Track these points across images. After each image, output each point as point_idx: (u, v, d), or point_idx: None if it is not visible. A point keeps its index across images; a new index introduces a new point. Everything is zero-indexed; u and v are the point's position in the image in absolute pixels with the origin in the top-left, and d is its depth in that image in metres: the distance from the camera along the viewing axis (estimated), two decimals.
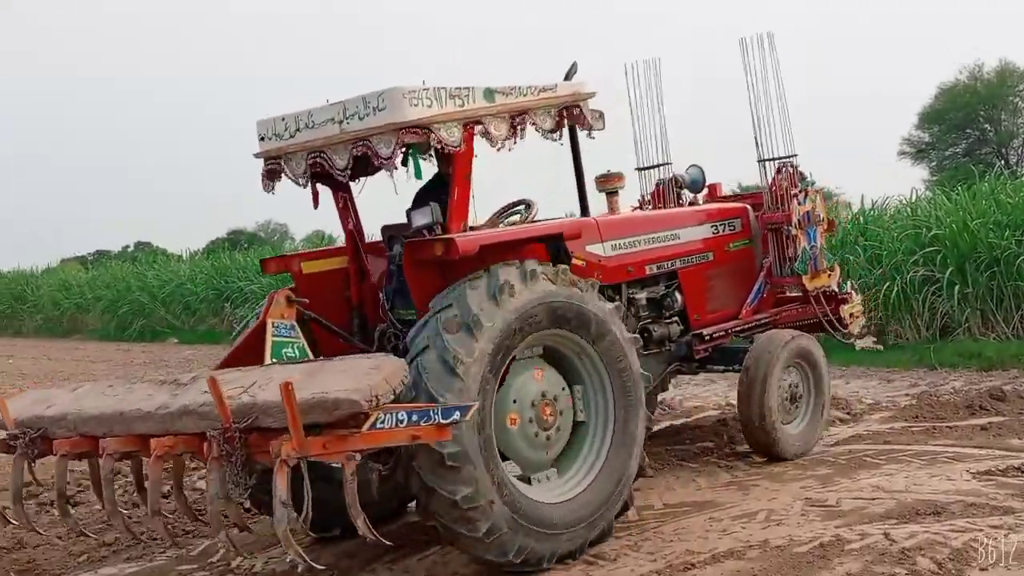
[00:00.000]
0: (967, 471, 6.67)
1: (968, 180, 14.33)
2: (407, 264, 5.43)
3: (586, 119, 6.00)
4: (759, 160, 7.90)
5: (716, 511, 6.27)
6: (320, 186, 6.01)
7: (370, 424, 4.20)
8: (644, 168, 8.38)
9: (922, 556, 5.10)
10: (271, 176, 5.80)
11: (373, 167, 5.60)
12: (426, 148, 5.32)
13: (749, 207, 7.95)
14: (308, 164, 5.55)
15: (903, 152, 40.10)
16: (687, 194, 8.17)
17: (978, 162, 28.69)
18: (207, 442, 4.32)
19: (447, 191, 5.56)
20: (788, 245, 7.69)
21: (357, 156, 5.27)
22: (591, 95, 6.02)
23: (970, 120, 38.65)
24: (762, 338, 7.23)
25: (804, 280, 7.65)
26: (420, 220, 5.53)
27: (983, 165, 22.30)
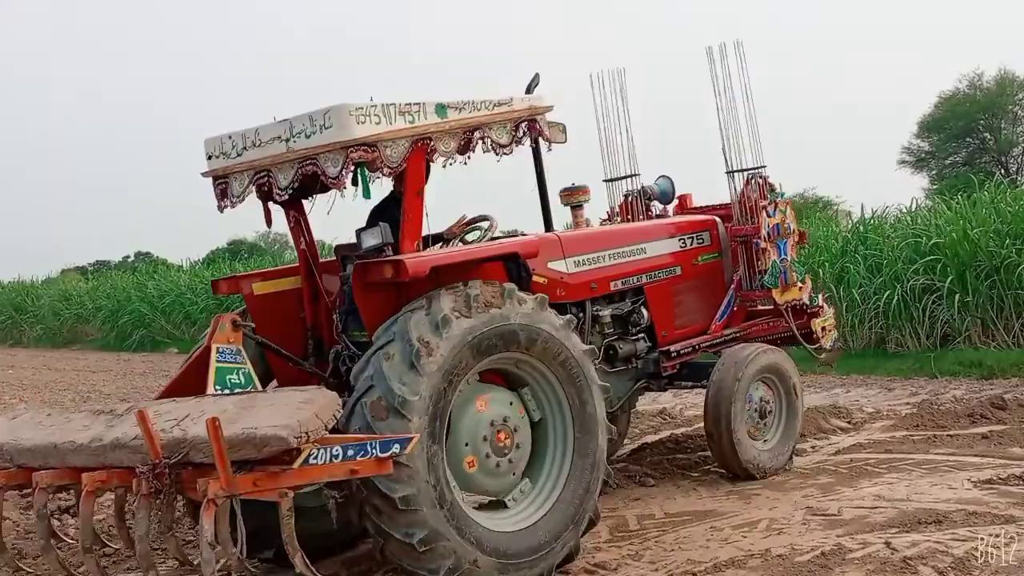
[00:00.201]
0: (968, 480, 6.67)
1: (968, 189, 14.34)
2: (356, 287, 5.22)
3: (544, 132, 5.80)
4: (727, 172, 7.70)
5: (717, 520, 6.25)
6: (274, 204, 5.76)
7: (302, 460, 4.05)
8: (612, 179, 8.19)
9: (924, 565, 5.10)
10: (224, 196, 5.56)
11: (324, 185, 5.35)
12: (375, 167, 5.05)
13: (719, 219, 7.75)
14: (256, 183, 5.33)
15: (903, 161, 40.07)
16: (657, 205, 8.01)
17: (978, 171, 28.59)
18: (136, 478, 4.15)
19: (400, 209, 5.40)
20: (758, 258, 7.49)
21: (305, 175, 5.08)
22: (548, 108, 5.80)
23: (970, 129, 38.64)
24: (729, 353, 7.06)
25: (774, 294, 7.45)
26: (369, 241, 5.38)
27: (983, 174, 22.22)
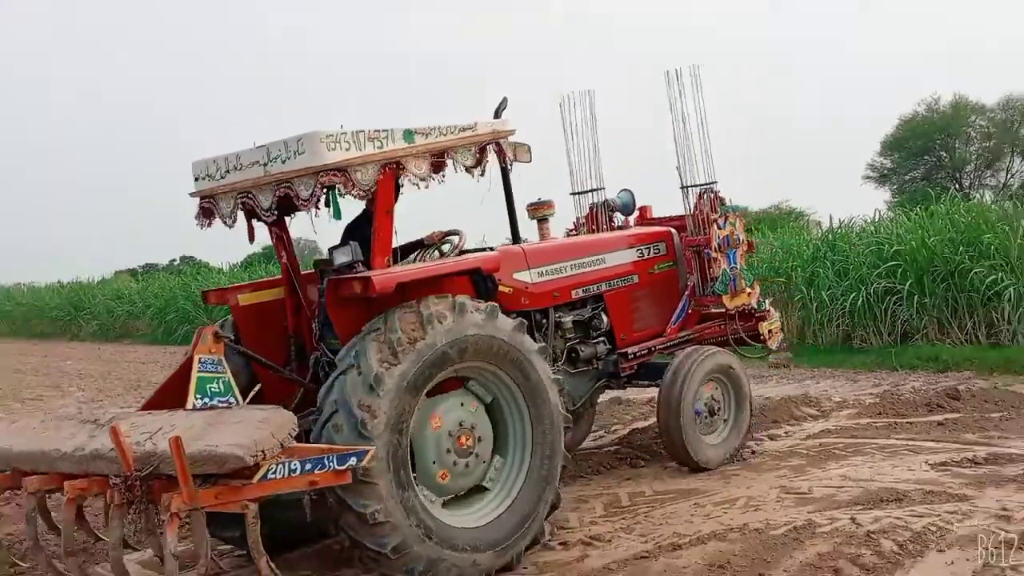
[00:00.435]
0: (926, 462, 6.66)
1: (926, 202, 14.30)
2: (329, 301, 5.12)
3: (506, 154, 5.61)
4: (681, 187, 7.57)
5: (700, 498, 6.25)
6: (258, 221, 5.57)
7: (261, 475, 3.94)
8: (578, 193, 8.06)
9: (885, 539, 5.10)
10: (206, 215, 5.43)
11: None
12: (347, 190, 4.88)
13: (674, 231, 7.61)
14: (239, 203, 5.21)
15: (868, 176, 40.00)
16: (619, 217, 7.89)
17: (935, 186, 28.60)
18: (108, 489, 4.03)
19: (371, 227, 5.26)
20: (709, 266, 7.39)
21: (282, 196, 4.94)
22: (511, 132, 5.62)
23: (927, 148, 38.57)
24: (680, 354, 6.92)
25: (724, 299, 7.37)
26: (340, 258, 5.23)
27: (939, 188, 22.21)
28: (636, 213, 7.94)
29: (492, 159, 5.60)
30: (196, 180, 5.36)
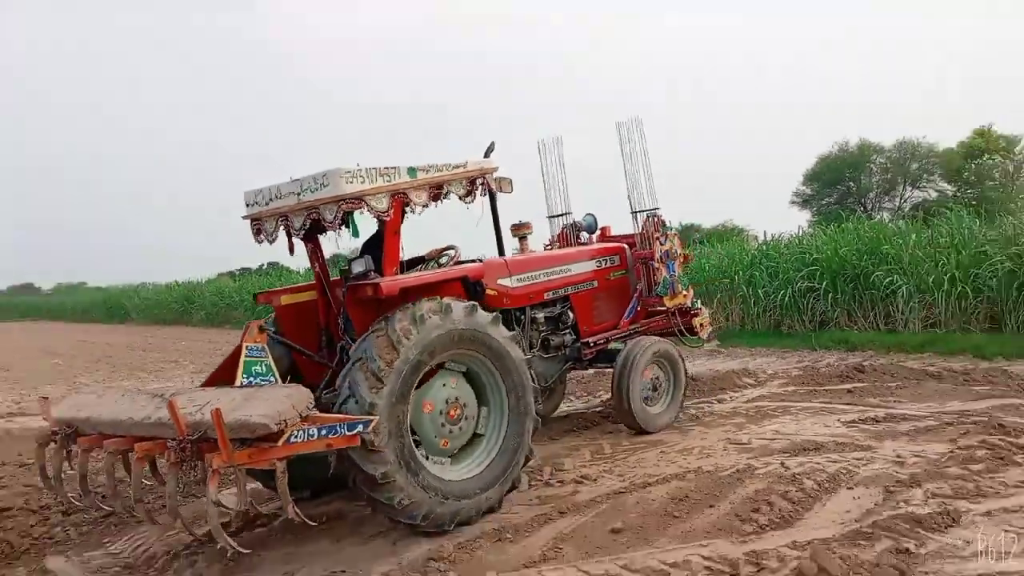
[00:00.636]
0: (838, 420, 6.64)
1: (838, 221, 14.24)
2: (348, 302, 5.02)
3: (492, 186, 5.44)
4: (632, 212, 7.46)
5: (665, 447, 6.25)
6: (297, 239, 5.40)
7: (284, 439, 3.84)
8: (553, 216, 7.94)
9: (807, 479, 5.10)
10: (257, 233, 5.25)
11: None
12: (365, 213, 4.75)
13: (627, 246, 7.42)
14: (279, 225, 5.07)
15: (793, 201, 39.87)
16: (584, 235, 7.76)
17: (845, 208, 28.53)
18: (167, 450, 3.95)
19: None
20: (653, 274, 7.31)
21: (311, 219, 4.83)
22: (495, 169, 5.45)
23: (839, 179, 38.40)
24: (631, 343, 6.79)
25: (665, 300, 7.27)
26: (357, 268, 5.12)
27: (848, 210, 22.10)
28: (598, 232, 7.81)
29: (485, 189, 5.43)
30: (247, 206, 5.25)
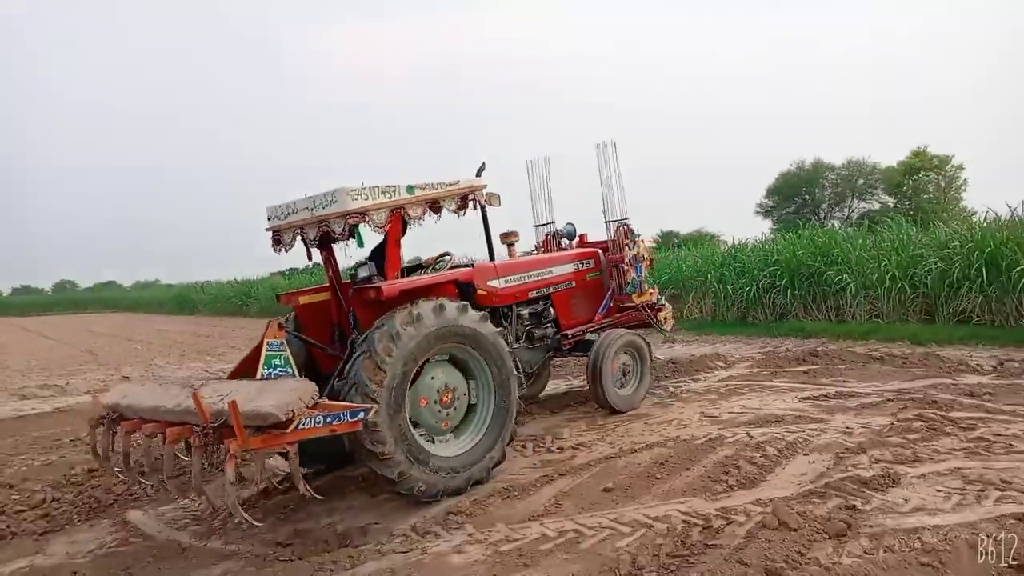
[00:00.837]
0: (796, 397, 6.61)
1: (796, 228, 14.20)
2: (355, 302, 4.94)
3: (482, 200, 5.29)
4: (606, 220, 7.36)
5: (648, 419, 6.23)
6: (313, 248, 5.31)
7: (294, 426, 3.72)
8: (538, 225, 7.85)
9: (769, 447, 5.08)
10: (277, 243, 5.14)
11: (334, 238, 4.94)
12: (368, 226, 4.65)
13: (600, 251, 7.40)
14: (296, 235, 4.99)
15: (757, 211, 39.88)
16: (565, 241, 7.66)
17: (801, 218, 28.48)
18: (192, 435, 3.88)
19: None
20: (623, 275, 7.23)
21: (323, 231, 4.73)
22: (484, 186, 5.31)
23: (797, 193, 38.32)
24: (603, 334, 6.64)
25: (634, 297, 7.19)
26: (363, 273, 5.06)
27: (804, 219, 22.10)
28: (577, 239, 7.72)
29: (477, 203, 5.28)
30: (268, 219, 5.15)
